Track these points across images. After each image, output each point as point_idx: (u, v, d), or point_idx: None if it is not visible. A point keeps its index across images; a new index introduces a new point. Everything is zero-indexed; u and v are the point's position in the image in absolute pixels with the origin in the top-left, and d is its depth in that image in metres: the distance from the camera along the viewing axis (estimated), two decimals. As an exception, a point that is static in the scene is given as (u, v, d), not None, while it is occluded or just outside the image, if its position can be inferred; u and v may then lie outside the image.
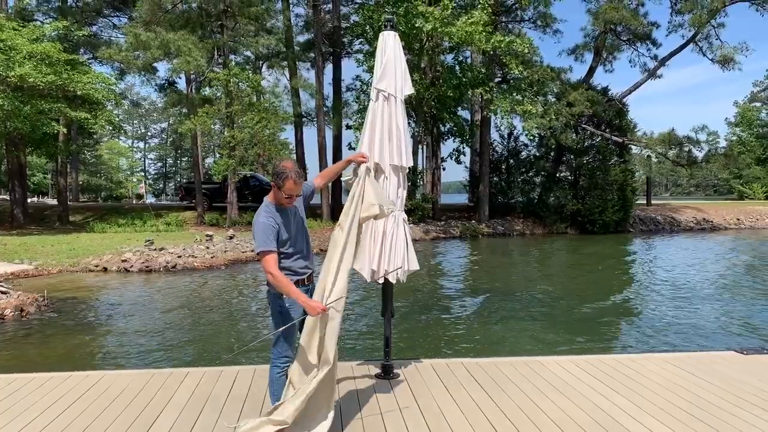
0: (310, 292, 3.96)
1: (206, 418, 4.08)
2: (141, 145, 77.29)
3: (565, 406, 4.27)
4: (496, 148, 31.95)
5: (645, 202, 36.23)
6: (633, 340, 8.53)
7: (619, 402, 4.35)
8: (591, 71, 31.13)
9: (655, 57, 31.50)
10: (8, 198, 28.99)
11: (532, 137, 29.52)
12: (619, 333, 8.98)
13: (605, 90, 30.53)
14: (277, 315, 3.89)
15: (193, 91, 27.55)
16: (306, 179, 4.26)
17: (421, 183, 30.27)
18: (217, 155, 38.26)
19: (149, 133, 76.91)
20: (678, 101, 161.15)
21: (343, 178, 4.62)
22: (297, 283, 3.87)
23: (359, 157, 4.37)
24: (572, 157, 30.32)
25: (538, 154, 31.97)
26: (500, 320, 9.69)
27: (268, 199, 3.93)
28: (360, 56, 29.11)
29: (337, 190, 29.92)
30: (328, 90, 30.33)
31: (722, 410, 4.19)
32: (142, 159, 77.42)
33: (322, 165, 28.14)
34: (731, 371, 5.09)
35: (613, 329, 9.19)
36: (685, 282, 13.51)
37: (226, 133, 25.46)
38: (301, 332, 3.87)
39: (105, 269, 14.89)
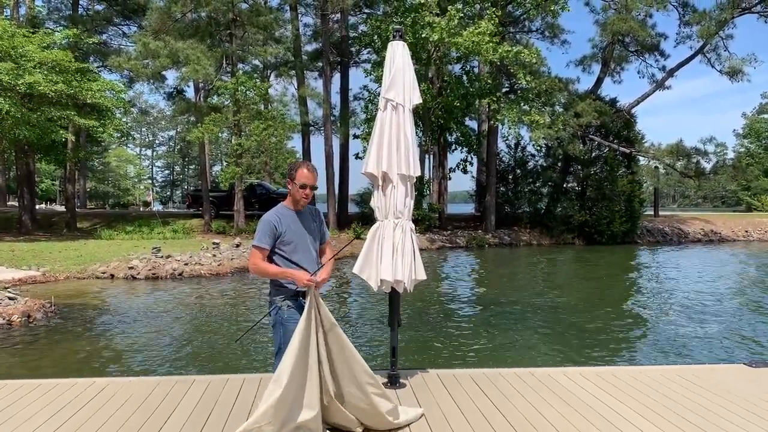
0: None
1: (212, 426, 4.07)
2: (149, 152, 77.92)
3: (572, 418, 4.24)
4: (503, 158, 31.94)
5: (652, 213, 36.08)
6: (640, 351, 8.48)
7: (626, 414, 4.32)
8: (599, 82, 31.12)
9: (664, 68, 31.48)
10: (17, 204, 29.17)
11: (539, 147, 29.53)
12: (626, 345, 8.92)
13: (613, 101, 30.50)
14: (278, 325, 3.87)
15: (202, 99, 27.69)
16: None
17: (428, 192, 30.27)
18: (225, 163, 38.42)
19: (157, 141, 77.53)
20: (686, 112, 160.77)
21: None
22: (298, 294, 3.85)
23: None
24: (579, 167, 30.28)
25: (545, 164, 31.92)
26: (507, 331, 9.65)
27: (283, 202, 3.95)
28: (367, 66, 29.28)
29: (344, 199, 29.98)
30: (335, 99, 30.46)
31: (730, 423, 4.15)
32: (150, 166, 77.87)
33: (329, 174, 28.17)
34: (739, 384, 5.04)
35: (620, 341, 9.13)
36: (693, 294, 13.42)
37: (233, 141, 25.56)
38: None
39: (112, 276, 14.94)
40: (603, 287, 15.35)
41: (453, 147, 30.40)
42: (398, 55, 4.87)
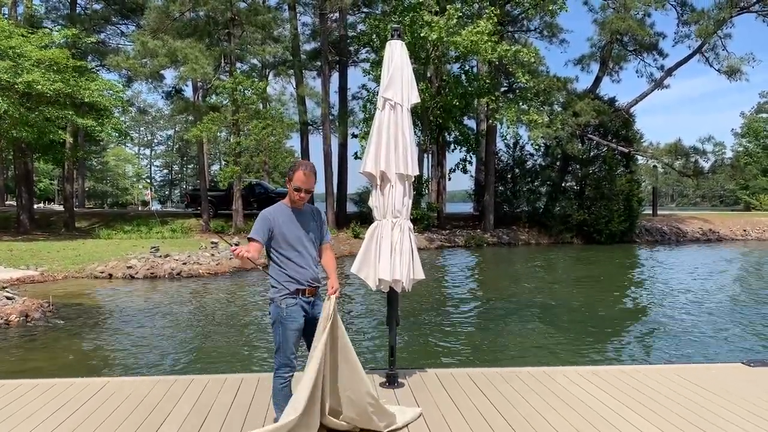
0: (312, 305, 3.93)
1: (210, 426, 4.06)
2: (147, 152, 77.83)
3: (571, 418, 4.24)
4: (502, 158, 31.92)
5: (651, 212, 36.09)
6: (639, 351, 8.48)
7: (625, 414, 4.32)
8: (597, 81, 31.10)
9: (662, 67, 31.43)
10: (15, 204, 29.11)
11: (537, 147, 29.50)
12: (625, 344, 8.92)
13: (612, 100, 30.48)
14: (277, 323, 3.87)
15: (200, 98, 27.65)
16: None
17: (427, 192, 30.25)
18: (223, 162, 38.36)
19: (155, 140, 77.46)
20: (684, 111, 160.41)
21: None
22: (297, 292, 3.84)
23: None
24: (578, 166, 30.27)
25: (543, 163, 31.91)
26: (505, 330, 9.65)
27: (283, 201, 3.96)
28: (366, 65, 29.25)
29: (342, 198, 29.96)
30: (333, 98, 30.38)
31: (728, 422, 4.15)
32: (148, 166, 77.80)
33: (328, 174, 28.14)
34: (738, 383, 5.04)
35: (619, 340, 9.14)
36: (690, 293, 13.43)
37: (231, 140, 25.54)
38: (305, 342, 3.89)
39: (110, 276, 14.92)
40: (601, 286, 15.35)
41: (452, 146, 30.39)
42: (396, 54, 4.87)
